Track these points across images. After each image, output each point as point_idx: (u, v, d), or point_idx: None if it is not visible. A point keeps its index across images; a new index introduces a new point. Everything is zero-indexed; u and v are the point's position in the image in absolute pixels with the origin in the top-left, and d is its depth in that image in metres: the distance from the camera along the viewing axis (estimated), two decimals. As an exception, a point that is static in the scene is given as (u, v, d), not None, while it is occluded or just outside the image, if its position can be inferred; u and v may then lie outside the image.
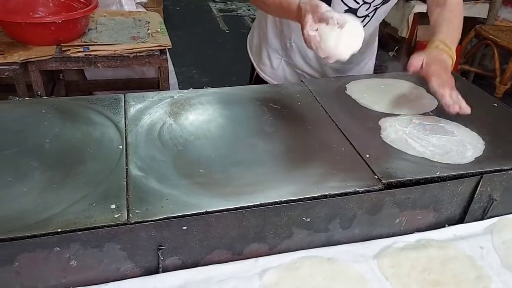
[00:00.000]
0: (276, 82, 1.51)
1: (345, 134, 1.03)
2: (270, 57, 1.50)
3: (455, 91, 1.05)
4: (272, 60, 1.50)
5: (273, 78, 1.52)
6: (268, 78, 1.53)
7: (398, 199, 0.89)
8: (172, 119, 1.07)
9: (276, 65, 1.50)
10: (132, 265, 0.80)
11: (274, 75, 1.52)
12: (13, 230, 0.72)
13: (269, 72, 1.52)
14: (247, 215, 0.82)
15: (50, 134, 0.96)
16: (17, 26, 2.19)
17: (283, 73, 1.50)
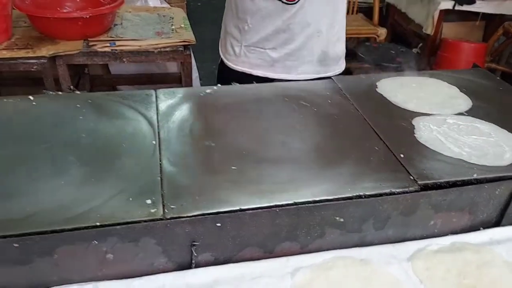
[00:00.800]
0: (242, 69, 1.55)
1: (378, 133, 1.02)
2: (232, 46, 1.55)
3: None
4: (234, 48, 1.55)
5: (238, 65, 1.56)
6: (234, 66, 1.57)
7: (434, 201, 0.88)
8: (203, 115, 1.07)
9: (238, 52, 1.54)
10: (166, 260, 0.81)
11: (239, 63, 1.56)
12: (54, 223, 0.73)
13: (234, 61, 1.57)
14: (280, 214, 0.81)
15: (85, 129, 0.98)
16: (46, 20, 2.23)
17: (247, 59, 1.53)
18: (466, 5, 3.16)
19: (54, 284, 0.77)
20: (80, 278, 0.78)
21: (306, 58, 1.50)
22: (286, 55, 1.49)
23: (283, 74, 1.51)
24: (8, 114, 1.02)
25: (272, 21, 1.43)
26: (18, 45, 2.27)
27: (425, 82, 1.28)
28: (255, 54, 1.51)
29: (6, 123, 0.98)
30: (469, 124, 1.07)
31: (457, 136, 1.02)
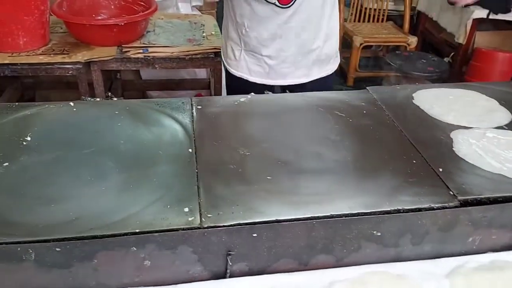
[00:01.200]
0: (241, 74, 1.57)
1: (415, 146, 1.01)
2: (233, 50, 1.56)
3: None
4: (235, 52, 1.56)
5: (238, 70, 1.58)
6: (234, 72, 1.59)
7: (474, 217, 0.86)
8: (237, 123, 1.08)
9: (238, 56, 1.55)
10: (201, 269, 0.81)
11: (239, 67, 1.57)
12: (94, 228, 0.74)
13: (234, 66, 1.59)
14: (317, 226, 0.81)
15: (124, 135, 0.99)
16: (82, 27, 2.29)
17: (245, 63, 1.54)
18: (501, 14, 3.09)
19: (92, 289, 0.78)
20: (117, 284, 0.79)
21: (302, 62, 1.52)
22: (282, 62, 1.51)
23: (280, 80, 1.54)
24: (50, 120, 1.04)
25: (267, 25, 1.44)
26: (55, 50, 2.33)
27: (463, 94, 1.25)
28: (254, 60, 1.53)
29: (49, 128, 1.01)
30: (510, 138, 1.04)
31: (497, 150, 1.00)
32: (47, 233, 0.74)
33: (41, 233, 0.74)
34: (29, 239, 0.73)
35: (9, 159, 0.91)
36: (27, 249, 0.72)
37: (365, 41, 3.49)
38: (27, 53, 2.28)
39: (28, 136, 0.98)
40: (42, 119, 1.05)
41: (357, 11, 3.82)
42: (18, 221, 0.76)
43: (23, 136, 0.98)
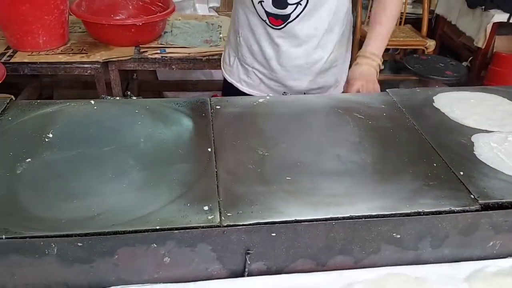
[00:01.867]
0: (232, 81, 1.52)
1: (436, 149, 1.00)
2: (229, 54, 1.53)
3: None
4: (230, 57, 1.52)
5: (230, 76, 1.53)
6: (227, 76, 1.55)
7: (495, 222, 0.85)
8: (256, 124, 1.08)
9: (231, 62, 1.51)
10: (220, 267, 0.82)
11: (231, 74, 1.53)
12: (116, 224, 0.75)
13: (228, 70, 1.54)
14: (336, 227, 0.81)
15: (144, 134, 1.00)
16: (100, 27, 2.32)
17: (237, 72, 1.50)
18: (522, 18, 3.06)
19: (112, 285, 0.79)
20: (137, 280, 0.80)
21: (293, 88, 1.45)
22: (271, 80, 1.44)
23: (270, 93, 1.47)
24: (72, 117, 1.06)
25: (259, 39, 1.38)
26: (74, 50, 2.37)
27: (484, 97, 1.24)
28: (244, 71, 1.48)
29: (70, 126, 1.03)
30: (532, 142, 1.03)
31: (519, 155, 0.98)
32: (69, 228, 0.75)
33: (63, 228, 0.75)
34: (52, 233, 0.74)
35: (32, 155, 0.92)
36: (50, 243, 0.73)
37: (382, 44, 3.47)
38: (47, 52, 2.32)
39: (50, 133, 0.99)
40: (63, 116, 1.06)
41: (374, 14, 3.79)
42: (41, 216, 0.78)
43: (45, 133, 0.99)
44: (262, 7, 1.28)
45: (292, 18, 1.29)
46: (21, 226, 0.74)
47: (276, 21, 1.30)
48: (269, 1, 1.26)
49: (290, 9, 1.27)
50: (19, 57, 2.24)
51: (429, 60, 3.17)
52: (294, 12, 1.28)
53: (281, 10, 1.27)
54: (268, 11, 1.28)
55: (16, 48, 2.29)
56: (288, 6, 1.26)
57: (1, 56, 2.24)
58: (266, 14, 1.29)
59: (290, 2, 1.26)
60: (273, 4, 1.26)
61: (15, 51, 2.28)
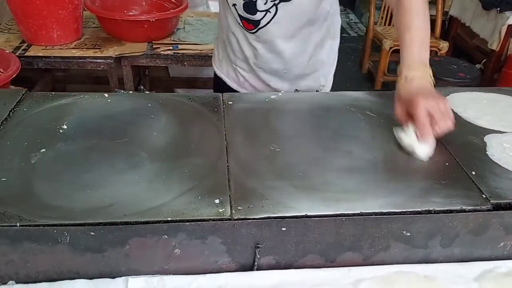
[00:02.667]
0: (221, 75, 1.51)
1: (448, 148, 0.99)
2: (218, 49, 1.52)
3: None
4: (219, 52, 1.52)
5: (219, 70, 1.52)
6: (216, 70, 1.54)
7: (506, 222, 0.85)
8: (268, 119, 1.08)
9: (221, 57, 1.51)
10: (229, 260, 0.82)
11: (220, 67, 1.52)
12: (128, 215, 0.76)
13: (217, 64, 1.54)
14: (346, 223, 0.81)
15: (156, 127, 1.01)
16: (114, 22, 2.34)
17: (226, 66, 1.49)
18: (537, 21, 3.03)
19: (123, 275, 0.80)
20: (147, 270, 0.81)
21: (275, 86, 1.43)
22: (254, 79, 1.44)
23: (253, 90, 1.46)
24: (86, 110, 1.07)
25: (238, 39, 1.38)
26: (87, 45, 2.39)
27: (497, 98, 1.23)
28: (230, 67, 1.48)
29: (84, 118, 1.04)
30: (546, 144, 1.02)
31: (532, 156, 0.98)
32: (82, 217, 0.76)
33: (76, 217, 0.76)
34: (65, 222, 0.75)
35: (46, 146, 0.93)
36: (63, 232, 0.74)
37: (395, 45, 3.46)
38: (60, 46, 2.34)
39: (64, 125, 1.01)
40: (78, 108, 1.08)
41: (388, 15, 3.79)
42: (55, 204, 0.79)
43: (60, 124, 1.01)
44: (236, 10, 1.29)
45: (263, 24, 1.28)
46: (35, 215, 0.75)
47: (248, 25, 1.31)
48: (240, 6, 1.26)
49: (259, 15, 1.26)
50: (33, 51, 2.26)
51: (442, 61, 3.15)
52: (264, 18, 1.27)
53: (251, 15, 1.27)
54: (240, 15, 1.29)
55: (31, 42, 2.31)
56: (257, 13, 1.26)
57: (16, 49, 2.26)
58: (240, 18, 1.30)
59: (259, 9, 1.25)
60: (244, 9, 1.26)
61: (30, 45, 2.31)
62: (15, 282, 0.78)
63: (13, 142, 0.94)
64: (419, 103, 0.94)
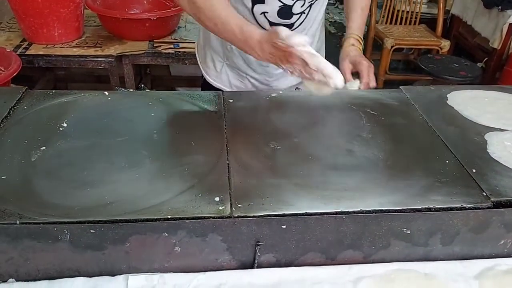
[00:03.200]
0: (221, 86, 1.45)
1: (449, 146, 0.99)
2: (213, 60, 1.44)
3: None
4: (216, 63, 1.43)
5: (217, 82, 1.46)
6: (212, 82, 1.47)
7: (507, 220, 0.84)
8: (268, 118, 1.08)
9: (219, 69, 1.43)
10: (230, 258, 0.82)
11: (218, 79, 1.45)
12: (128, 213, 0.76)
13: (214, 76, 1.46)
14: (346, 221, 0.81)
15: (157, 125, 1.01)
16: (115, 21, 2.33)
17: (226, 77, 1.43)
18: (539, 19, 3.02)
19: (123, 273, 0.80)
20: (148, 268, 0.81)
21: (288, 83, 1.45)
22: (267, 85, 1.42)
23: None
24: (86, 108, 1.07)
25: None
26: (88, 43, 2.39)
27: (498, 96, 1.23)
28: (237, 76, 1.43)
29: (84, 116, 1.04)
30: (546, 142, 1.02)
31: (533, 154, 0.97)
32: (82, 215, 0.76)
33: (76, 215, 0.76)
34: (65, 220, 0.75)
35: (46, 144, 0.93)
36: (63, 230, 0.74)
37: (396, 44, 3.46)
38: (61, 45, 2.34)
39: (64, 122, 1.01)
40: (78, 106, 1.08)
41: (389, 13, 3.78)
42: (55, 202, 0.79)
43: (60, 122, 1.01)
44: (265, 18, 1.27)
45: (295, 26, 1.30)
46: (35, 212, 0.76)
47: None
48: (274, 13, 1.25)
49: (294, 18, 1.27)
50: (34, 50, 2.26)
51: (443, 60, 3.14)
52: (297, 21, 1.29)
53: (286, 20, 1.27)
54: (272, 22, 1.27)
55: (32, 41, 2.31)
56: (293, 16, 1.26)
57: (17, 48, 2.26)
58: (270, 24, 1.28)
59: (295, 12, 1.26)
60: (278, 15, 1.25)
61: (31, 43, 2.31)
62: (15, 280, 0.78)
63: (13, 140, 0.94)
64: (364, 63, 1.27)
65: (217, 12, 1.07)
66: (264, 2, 1.22)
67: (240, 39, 1.06)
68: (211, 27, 1.11)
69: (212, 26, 1.10)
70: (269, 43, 0.99)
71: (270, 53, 1.01)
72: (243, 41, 1.05)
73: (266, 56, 1.03)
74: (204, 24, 1.13)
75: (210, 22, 1.09)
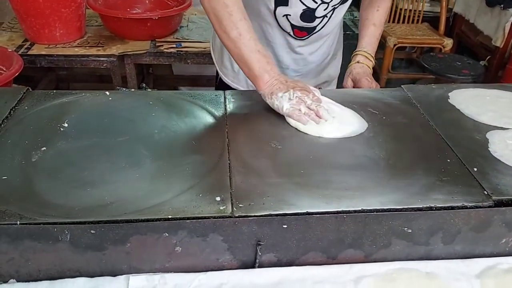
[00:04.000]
0: (237, 86, 1.44)
1: (450, 145, 0.99)
2: (231, 60, 1.41)
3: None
4: (233, 63, 1.41)
5: (235, 82, 1.44)
6: (230, 82, 1.45)
7: (508, 218, 0.84)
8: (269, 117, 1.08)
9: (237, 69, 1.40)
10: (231, 257, 0.82)
11: (236, 79, 1.44)
12: (129, 213, 0.76)
13: (231, 76, 1.44)
14: (347, 220, 0.81)
15: (158, 125, 1.01)
16: (117, 20, 2.34)
17: (244, 78, 1.39)
18: (541, 17, 3.01)
19: (124, 273, 0.80)
20: (149, 268, 0.81)
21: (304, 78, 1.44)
22: None
23: None
24: (87, 108, 1.07)
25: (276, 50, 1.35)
26: (90, 43, 2.40)
27: (500, 95, 1.23)
28: None
29: (85, 116, 1.04)
30: (549, 140, 1.01)
31: (535, 152, 0.97)
32: (82, 215, 0.76)
33: (77, 215, 0.76)
34: (66, 220, 0.75)
35: (47, 144, 0.94)
36: (63, 230, 0.74)
37: (399, 42, 3.45)
38: (63, 45, 2.35)
39: (65, 123, 1.01)
40: (79, 106, 1.08)
41: (392, 12, 3.77)
42: (55, 203, 0.79)
43: (61, 122, 1.01)
44: (287, 20, 1.26)
45: (318, 29, 1.30)
46: (35, 213, 0.75)
47: (301, 33, 1.30)
48: (296, 16, 1.24)
49: (316, 22, 1.28)
50: (36, 50, 2.27)
51: (446, 58, 3.14)
52: (319, 24, 1.29)
53: (308, 23, 1.27)
54: (294, 24, 1.27)
55: (33, 41, 2.32)
56: (315, 20, 1.27)
57: (19, 48, 2.27)
58: (291, 27, 1.28)
59: (318, 16, 1.26)
60: (301, 18, 1.25)
61: (32, 43, 2.32)
62: (16, 280, 0.79)
63: (14, 140, 0.94)
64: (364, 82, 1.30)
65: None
66: (287, 4, 1.21)
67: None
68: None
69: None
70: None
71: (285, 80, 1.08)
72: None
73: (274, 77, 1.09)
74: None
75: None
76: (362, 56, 1.36)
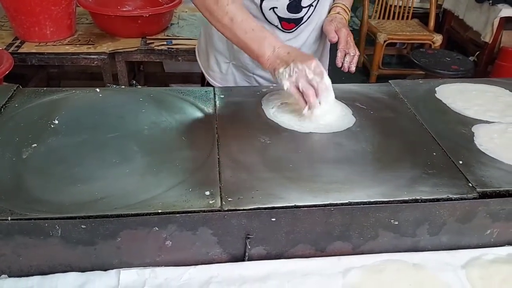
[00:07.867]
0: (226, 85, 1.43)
1: (436, 138, 1.01)
2: (218, 62, 1.42)
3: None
4: (221, 65, 1.41)
5: (223, 84, 1.44)
6: (218, 85, 1.44)
7: (492, 210, 0.86)
8: (259, 112, 1.09)
9: (225, 70, 1.41)
10: (221, 251, 0.83)
11: (224, 81, 1.44)
12: (119, 208, 0.77)
13: (219, 78, 1.44)
14: (334, 213, 0.82)
15: (147, 121, 1.02)
16: (107, 18, 2.33)
17: (233, 78, 1.42)
18: (529, 13, 3.04)
19: (115, 267, 0.81)
20: (139, 263, 0.82)
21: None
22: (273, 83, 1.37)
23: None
24: (77, 104, 1.08)
25: None
26: (81, 41, 2.39)
27: (486, 89, 1.25)
28: (243, 76, 1.42)
29: (75, 113, 1.05)
30: (532, 133, 1.03)
31: (519, 145, 0.99)
32: (73, 211, 0.77)
33: (67, 210, 0.77)
34: (56, 215, 0.75)
35: (38, 141, 0.94)
36: (54, 225, 0.75)
37: (389, 38, 3.47)
38: (54, 43, 2.34)
39: (55, 120, 1.01)
40: (69, 103, 1.08)
41: (382, 8, 3.80)
42: (46, 199, 0.79)
43: (51, 119, 1.01)
44: (274, 13, 1.27)
45: (304, 20, 1.31)
46: (26, 208, 0.76)
47: (289, 25, 1.31)
48: (283, 7, 1.25)
49: (303, 12, 1.28)
50: (26, 48, 2.26)
51: (435, 54, 3.16)
52: (306, 14, 1.30)
53: (295, 14, 1.28)
54: (281, 16, 1.28)
55: (24, 39, 2.31)
56: (302, 10, 1.27)
57: (9, 46, 2.26)
58: (279, 20, 1.29)
59: (304, 5, 1.27)
60: (288, 9, 1.26)
61: (23, 41, 2.31)
62: (7, 276, 0.79)
63: (4, 137, 0.94)
64: (343, 30, 1.31)
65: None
66: None
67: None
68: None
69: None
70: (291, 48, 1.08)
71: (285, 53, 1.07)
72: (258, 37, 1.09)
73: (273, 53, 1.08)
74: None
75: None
76: (341, 8, 1.38)
